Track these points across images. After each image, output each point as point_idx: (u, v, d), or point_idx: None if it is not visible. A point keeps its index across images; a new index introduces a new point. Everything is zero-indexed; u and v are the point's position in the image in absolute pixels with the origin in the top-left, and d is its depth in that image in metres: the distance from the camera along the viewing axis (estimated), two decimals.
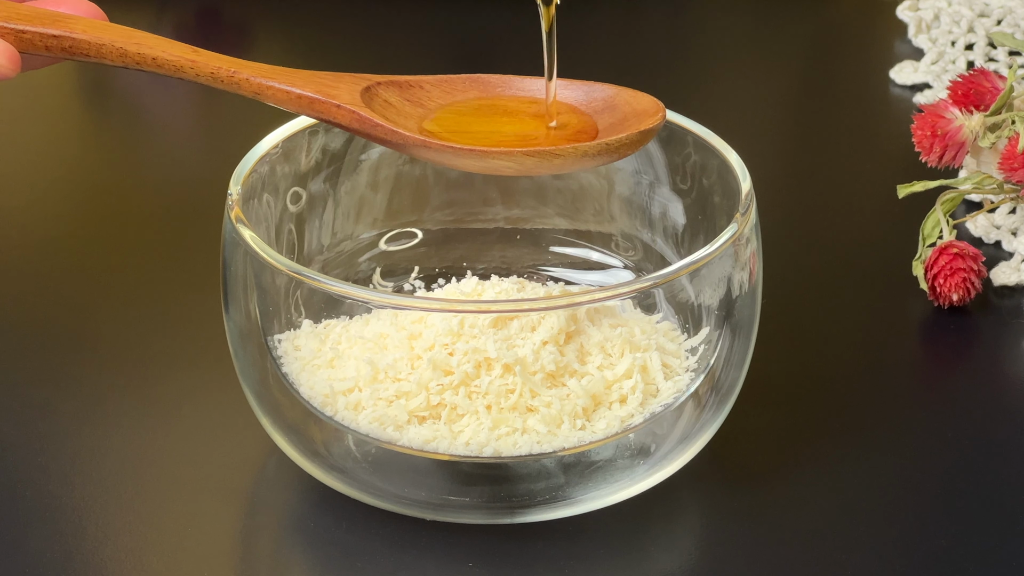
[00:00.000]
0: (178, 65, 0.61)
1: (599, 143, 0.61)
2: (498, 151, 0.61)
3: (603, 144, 0.61)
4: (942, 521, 0.63)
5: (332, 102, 0.61)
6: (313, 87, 0.62)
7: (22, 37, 0.61)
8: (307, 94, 0.61)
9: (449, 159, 0.61)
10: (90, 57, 0.61)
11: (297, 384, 0.63)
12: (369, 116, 0.61)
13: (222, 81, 0.61)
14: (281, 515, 0.63)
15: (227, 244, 0.62)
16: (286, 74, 0.62)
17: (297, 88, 0.62)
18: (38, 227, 0.83)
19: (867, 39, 1.04)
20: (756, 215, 0.63)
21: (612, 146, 0.61)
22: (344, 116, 0.62)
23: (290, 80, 0.62)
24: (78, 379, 0.70)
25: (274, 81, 0.62)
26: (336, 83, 0.62)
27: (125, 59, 0.61)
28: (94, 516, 0.63)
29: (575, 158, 0.61)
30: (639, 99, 0.64)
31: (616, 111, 0.64)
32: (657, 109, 0.63)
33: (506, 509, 0.61)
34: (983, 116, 0.75)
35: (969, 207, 0.82)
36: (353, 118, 0.61)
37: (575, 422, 0.61)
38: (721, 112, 0.93)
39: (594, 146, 0.61)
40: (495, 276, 0.69)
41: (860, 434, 0.67)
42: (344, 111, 0.61)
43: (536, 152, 0.61)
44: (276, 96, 0.62)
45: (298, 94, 0.62)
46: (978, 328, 0.74)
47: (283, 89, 0.62)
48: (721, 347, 0.63)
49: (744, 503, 0.63)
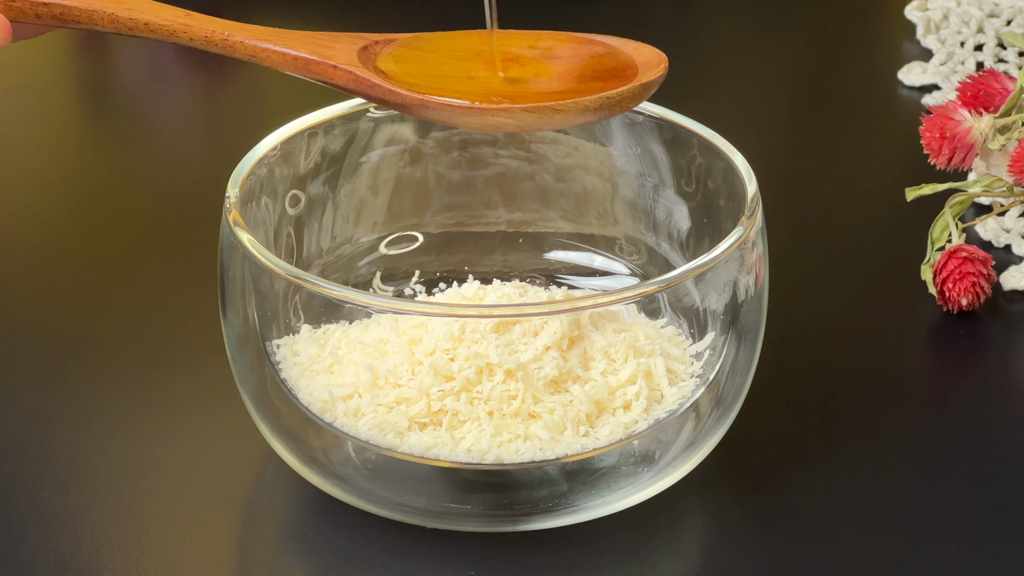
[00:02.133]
0: (171, 29, 0.61)
1: (600, 97, 0.60)
2: (498, 108, 0.60)
3: (603, 98, 0.60)
4: (952, 529, 0.62)
5: (328, 63, 0.61)
6: (309, 48, 0.61)
7: (12, 5, 0.60)
8: (303, 55, 0.61)
9: (448, 117, 0.61)
10: (81, 23, 0.61)
11: (296, 390, 0.62)
12: (366, 76, 0.60)
13: (216, 45, 0.61)
14: (280, 523, 0.63)
15: (225, 248, 0.62)
16: (281, 36, 0.61)
17: (292, 50, 0.61)
18: (32, 231, 0.83)
19: (875, 40, 1.05)
20: (762, 218, 0.62)
21: (613, 99, 0.61)
22: (341, 77, 0.61)
23: (285, 42, 0.61)
24: (73, 385, 0.70)
25: (269, 43, 0.61)
26: (332, 43, 0.61)
27: (117, 24, 0.61)
28: (90, 524, 0.62)
29: (576, 113, 0.60)
30: (641, 51, 0.63)
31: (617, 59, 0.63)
32: (659, 60, 0.62)
33: (508, 517, 0.61)
34: (993, 118, 0.75)
35: (978, 210, 0.82)
36: (350, 78, 0.61)
37: (578, 428, 0.60)
38: (727, 114, 0.93)
39: (595, 100, 0.60)
40: (497, 280, 0.69)
41: (868, 441, 0.67)
42: (341, 72, 0.61)
43: (536, 108, 0.60)
44: (272, 58, 0.61)
45: (294, 56, 0.61)
46: (988, 333, 0.74)
47: (278, 51, 0.61)
48: (727, 352, 0.63)
49: (750, 511, 0.63)
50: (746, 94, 0.98)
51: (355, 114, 0.69)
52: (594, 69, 0.63)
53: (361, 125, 0.69)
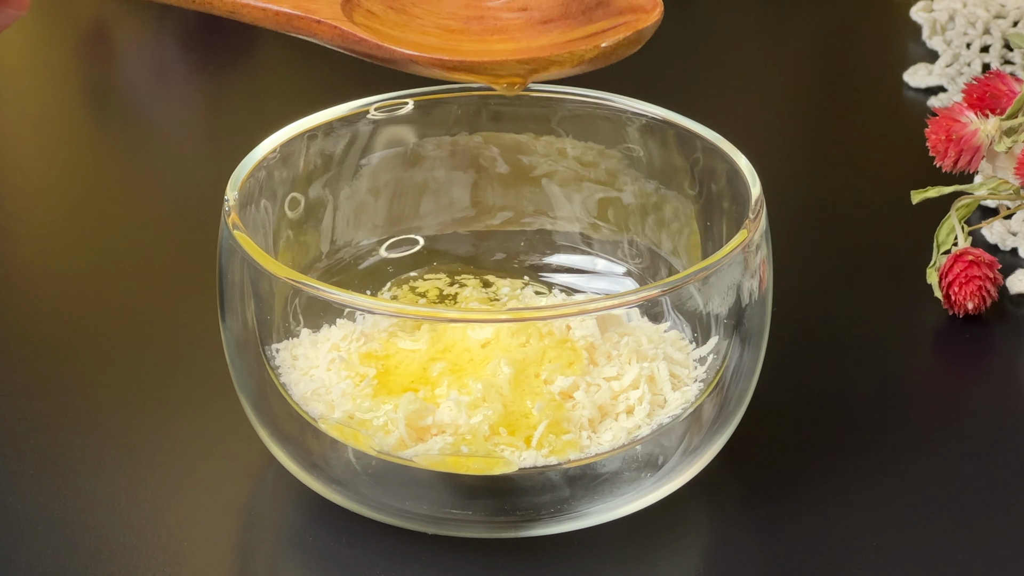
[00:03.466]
0: None
1: (594, 47, 0.60)
2: (490, 62, 0.59)
3: (599, 48, 0.60)
4: (958, 535, 0.62)
5: (311, 17, 0.60)
6: (291, 3, 0.60)
7: None
8: (284, 10, 0.60)
9: (439, 73, 0.60)
10: None
11: (295, 395, 0.62)
12: (352, 31, 0.60)
13: (194, 1, 0.60)
14: (279, 529, 0.63)
15: (223, 251, 0.61)
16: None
17: (274, 5, 0.60)
18: (29, 234, 0.82)
19: (880, 41, 1.04)
20: (766, 221, 0.62)
21: (608, 49, 0.60)
22: (325, 32, 0.60)
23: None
24: (70, 390, 0.70)
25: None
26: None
27: None
28: (87, 531, 0.62)
29: (571, 65, 0.60)
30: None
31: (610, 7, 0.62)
32: (654, 4, 0.62)
33: (510, 523, 0.61)
34: (999, 120, 0.75)
35: (985, 213, 0.82)
36: (335, 34, 0.60)
37: (581, 433, 0.60)
38: (730, 115, 0.93)
39: (590, 50, 0.60)
40: (498, 284, 0.69)
41: (873, 446, 0.67)
42: (325, 26, 0.60)
43: (531, 60, 0.60)
44: (252, 14, 0.60)
45: (275, 11, 0.60)
46: (994, 337, 0.74)
47: (258, 6, 0.60)
48: (730, 357, 0.63)
49: (754, 516, 0.63)
50: (750, 96, 0.97)
51: (355, 116, 0.69)
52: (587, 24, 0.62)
53: (361, 127, 0.69)
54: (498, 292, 0.70)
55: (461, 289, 0.70)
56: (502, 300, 0.69)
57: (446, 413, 0.60)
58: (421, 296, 0.70)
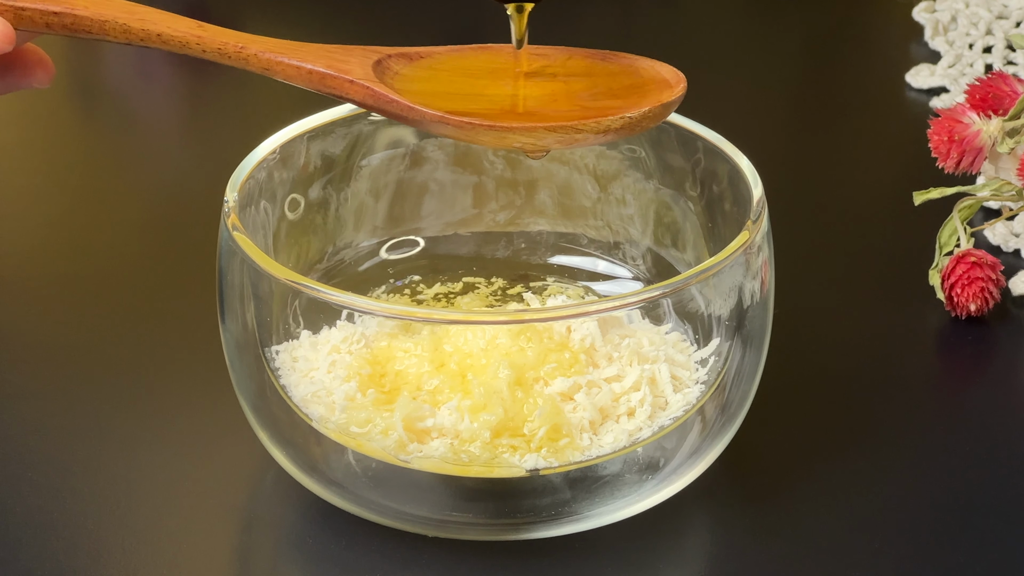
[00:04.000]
0: (183, 41, 0.60)
1: (622, 117, 0.60)
2: (518, 127, 0.59)
3: (625, 119, 0.60)
4: (960, 537, 0.62)
5: (345, 77, 0.60)
6: (324, 62, 0.60)
7: (22, 15, 0.60)
8: (319, 69, 0.60)
9: (468, 135, 0.60)
10: (92, 34, 0.60)
11: (295, 397, 0.62)
12: (384, 92, 0.60)
13: (229, 57, 0.60)
14: (279, 532, 0.63)
15: (223, 253, 0.61)
16: (296, 49, 0.61)
17: (308, 63, 0.60)
18: (26, 236, 0.82)
19: (882, 42, 1.05)
20: (768, 223, 0.62)
21: (635, 120, 0.60)
22: (358, 92, 0.60)
23: (300, 55, 0.60)
24: (69, 393, 0.69)
25: (284, 56, 0.60)
26: (347, 57, 0.61)
27: (129, 36, 0.60)
28: (87, 533, 0.62)
29: (597, 133, 0.60)
30: (657, 68, 0.63)
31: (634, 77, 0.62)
32: (678, 80, 0.62)
33: (510, 526, 0.60)
34: (1002, 121, 0.75)
35: (987, 214, 0.82)
36: (367, 94, 0.60)
37: (582, 436, 0.60)
38: (732, 117, 0.92)
39: (617, 120, 0.59)
40: (499, 285, 0.69)
41: (875, 448, 0.66)
42: (358, 87, 0.60)
43: (558, 127, 0.59)
44: (286, 72, 0.60)
45: (309, 69, 0.60)
46: (996, 339, 0.74)
47: (293, 65, 0.60)
48: (732, 358, 0.63)
49: (756, 519, 0.63)
50: (752, 97, 0.97)
51: (355, 117, 0.69)
52: (610, 87, 0.62)
53: (361, 128, 0.69)
54: (499, 294, 0.69)
55: (461, 291, 0.70)
56: (503, 302, 0.69)
57: (446, 417, 0.60)
58: (421, 298, 0.70)
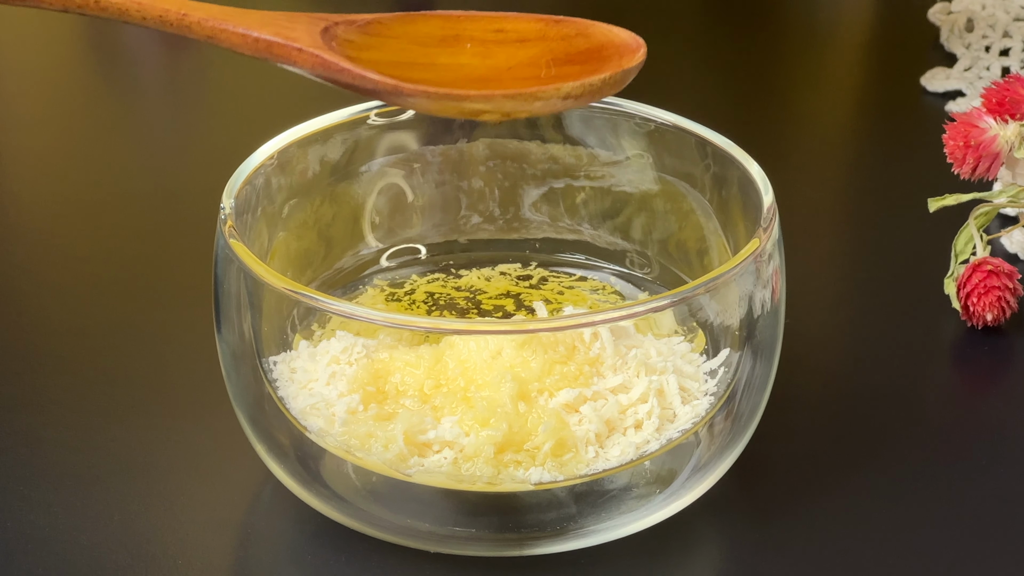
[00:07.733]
0: (122, 7, 0.59)
1: (581, 83, 0.59)
2: (476, 94, 0.59)
3: (585, 84, 0.59)
4: (977, 554, 0.62)
5: (293, 45, 0.59)
6: (270, 29, 0.59)
7: None
8: (264, 37, 0.59)
9: (423, 104, 0.59)
10: (27, 3, 0.59)
11: (293, 409, 0.62)
12: (335, 60, 0.59)
13: (171, 24, 0.59)
14: (276, 547, 0.62)
15: (220, 261, 0.61)
16: (240, 16, 0.60)
17: (254, 31, 0.59)
18: (18, 243, 0.82)
19: (897, 44, 1.05)
20: (779, 230, 0.62)
21: (595, 86, 0.60)
22: (306, 60, 0.59)
23: (245, 22, 0.59)
24: (61, 404, 0.69)
25: (228, 24, 0.59)
26: (292, 24, 0.60)
27: (66, 2, 0.59)
28: (80, 548, 0.61)
29: (556, 99, 0.59)
30: (615, 32, 0.62)
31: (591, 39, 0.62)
32: (637, 44, 0.62)
33: (515, 541, 0.60)
34: (1019, 125, 0.74)
35: (1004, 222, 0.82)
36: (316, 62, 0.59)
37: (588, 449, 0.59)
38: (741, 121, 0.93)
39: (576, 86, 0.59)
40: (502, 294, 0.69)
41: (889, 461, 0.66)
42: (306, 55, 0.59)
43: (516, 94, 0.59)
44: (231, 40, 0.60)
45: (255, 37, 0.59)
46: (1013, 349, 0.73)
47: (238, 32, 0.59)
48: (742, 369, 0.62)
49: (767, 535, 0.62)
50: (762, 101, 0.97)
51: (356, 122, 0.68)
52: (567, 51, 0.62)
53: (362, 133, 0.69)
54: (502, 302, 0.69)
55: (464, 299, 0.69)
56: (506, 311, 0.69)
57: (448, 430, 0.59)
58: (423, 306, 0.70)
